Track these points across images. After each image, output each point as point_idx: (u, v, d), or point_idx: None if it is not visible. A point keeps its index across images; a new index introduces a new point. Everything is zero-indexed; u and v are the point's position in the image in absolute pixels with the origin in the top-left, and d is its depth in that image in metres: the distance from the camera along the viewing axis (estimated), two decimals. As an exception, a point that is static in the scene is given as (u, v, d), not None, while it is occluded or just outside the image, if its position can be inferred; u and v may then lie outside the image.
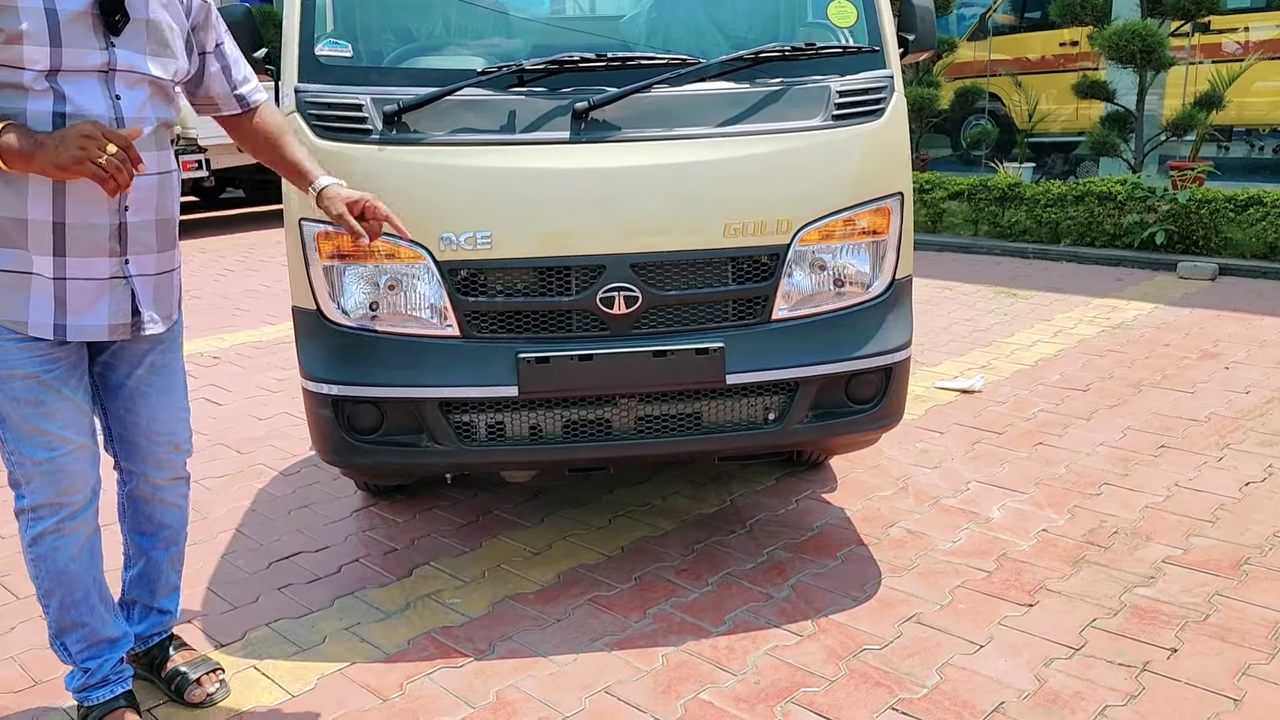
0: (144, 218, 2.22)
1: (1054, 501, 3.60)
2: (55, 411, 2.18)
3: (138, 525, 2.54)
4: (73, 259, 2.12)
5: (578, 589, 3.07)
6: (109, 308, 2.19)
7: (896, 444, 4.17)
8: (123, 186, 1.99)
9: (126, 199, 2.15)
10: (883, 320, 2.93)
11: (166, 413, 2.41)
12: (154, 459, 2.43)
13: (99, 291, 2.17)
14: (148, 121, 2.16)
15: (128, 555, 2.59)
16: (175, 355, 2.44)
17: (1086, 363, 5.27)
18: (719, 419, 2.86)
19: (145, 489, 2.48)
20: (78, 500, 2.26)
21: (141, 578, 2.58)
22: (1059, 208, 8.27)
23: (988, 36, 12.15)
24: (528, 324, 2.75)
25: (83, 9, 2.02)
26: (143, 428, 2.39)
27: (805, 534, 3.40)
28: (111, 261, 2.17)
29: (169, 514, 2.53)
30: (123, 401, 2.37)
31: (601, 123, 2.73)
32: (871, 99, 2.87)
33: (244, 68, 2.42)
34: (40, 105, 2.01)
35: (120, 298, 2.20)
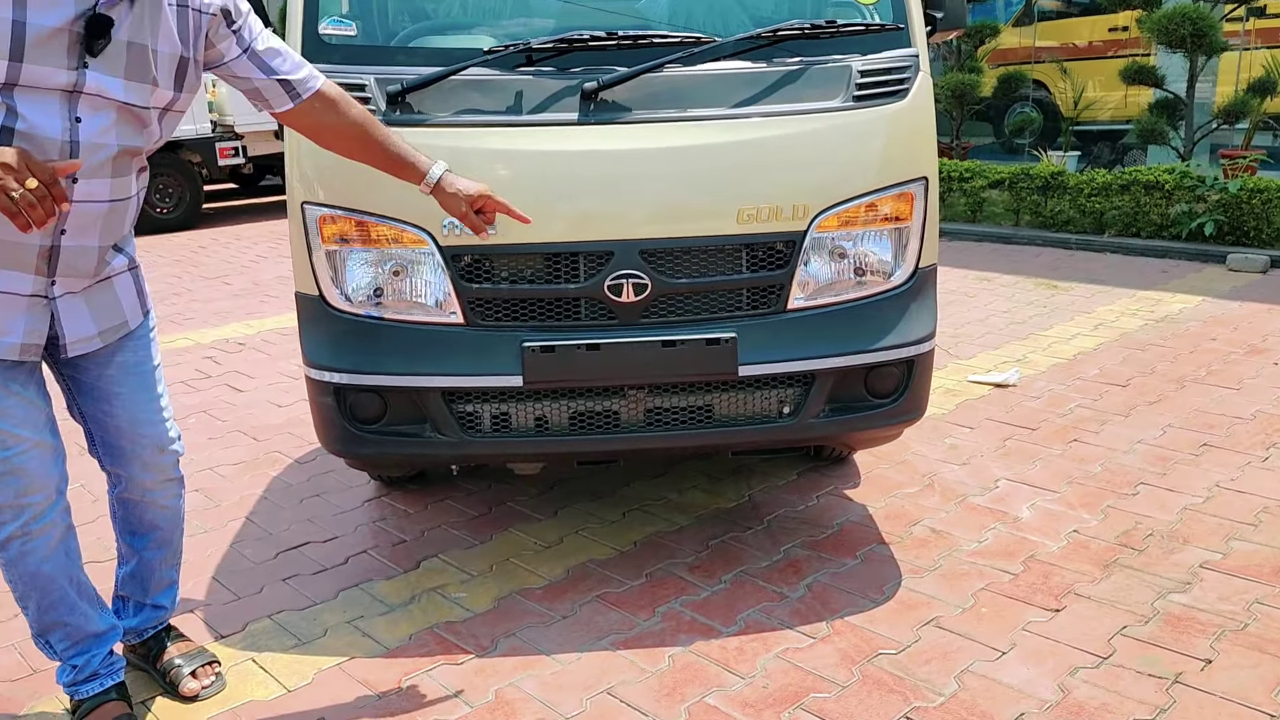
0: (83, 243, 2.05)
1: (1087, 501, 3.45)
2: (4, 410, 2.06)
3: (129, 526, 2.48)
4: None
5: (586, 585, 2.98)
6: (24, 325, 2.04)
7: (924, 439, 4.04)
8: (37, 224, 1.78)
9: (64, 224, 1.99)
10: (905, 310, 2.80)
11: (145, 413, 2.31)
12: (139, 461, 2.34)
13: (14, 308, 2.02)
14: (107, 149, 1.98)
15: (120, 553, 2.53)
16: (146, 353, 2.31)
17: (1127, 357, 5.09)
18: (731, 412, 2.76)
19: (134, 491, 2.40)
20: (40, 501, 2.14)
21: (134, 576, 2.53)
22: (1103, 197, 8.03)
23: (1033, 22, 11.86)
24: (533, 312, 2.66)
25: (60, 26, 1.85)
26: (124, 430, 2.30)
27: (825, 531, 3.28)
28: (36, 280, 2.02)
29: (160, 516, 2.46)
30: (98, 404, 2.27)
31: (611, 103, 2.63)
32: (895, 79, 2.74)
33: (287, 58, 2.21)
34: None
35: (38, 318, 2.06)
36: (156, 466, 2.37)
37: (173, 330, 6.19)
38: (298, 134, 2.64)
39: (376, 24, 2.90)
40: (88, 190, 2.01)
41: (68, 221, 2.00)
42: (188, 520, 3.45)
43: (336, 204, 2.63)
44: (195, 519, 3.49)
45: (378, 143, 2.31)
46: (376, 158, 2.33)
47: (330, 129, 2.29)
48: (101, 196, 2.03)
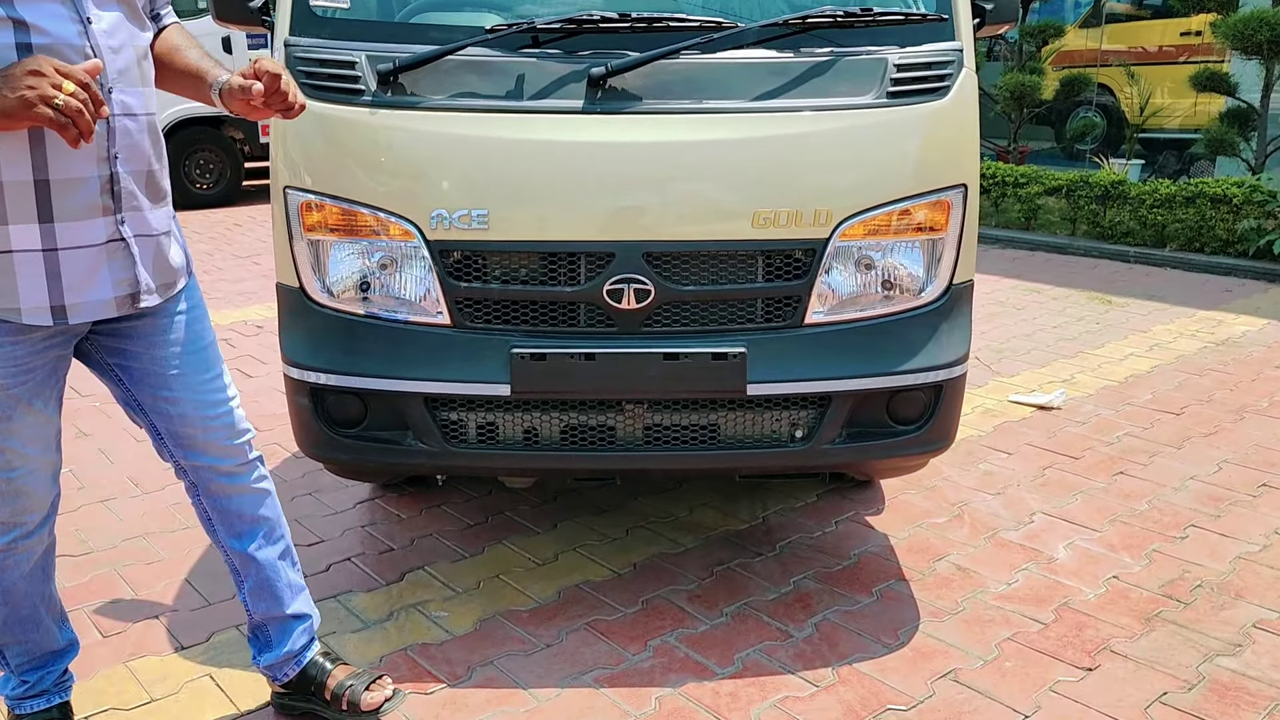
0: (135, 168, 1.90)
1: (1130, 543, 3.17)
2: (19, 429, 1.90)
3: (231, 529, 2.21)
4: (63, 224, 1.79)
5: (577, 610, 2.77)
6: (110, 276, 1.87)
7: (957, 463, 3.77)
8: (85, 133, 1.63)
9: (115, 146, 1.84)
10: (935, 330, 2.55)
11: (211, 393, 2.09)
12: (215, 448, 2.12)
13: (96, 259, 1.85)
14: (124, 51, 1.84)
15: (235, 571, 2.25)
16: (201, 325, 2.11)
17: (1183, 382, 4.76)
18: (738, 433, 2.53)
19: (220, 483, 2.16)
20: (33, 520, 2.00)
21: (261, 589, 2.24)
22: (1166, 209, 7.64)
23: (1101, 23, 11.41)
24: (525, 315, 2.45)
25: None
26: (190, 416, 2.07)
27: (840, 563, 3.04)
28: (106, 221, 1.85)
29: (259, 503, 2.21)
30: (157, 392, 2.05)
31: (620, 91, 2.40)
32: (935, 75, 2.48)
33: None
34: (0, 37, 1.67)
35: (121, 264, 1.89)
36: (233, 450, 2.15)
37: (193, 310, 6.07)
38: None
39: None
40: (123, 102, 1.85)
41: (116, 141, 1.85)
42: (172, 514, 3.34)
43: (320, 190, 2.43)
44: (180, 512, 3.33)
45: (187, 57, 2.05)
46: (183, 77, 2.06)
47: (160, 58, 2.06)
48: (136, 109, 1.89)
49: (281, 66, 1.94)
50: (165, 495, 3.46)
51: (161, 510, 3.36)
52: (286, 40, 2.48)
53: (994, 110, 10.02)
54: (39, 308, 1.82)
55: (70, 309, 1.85)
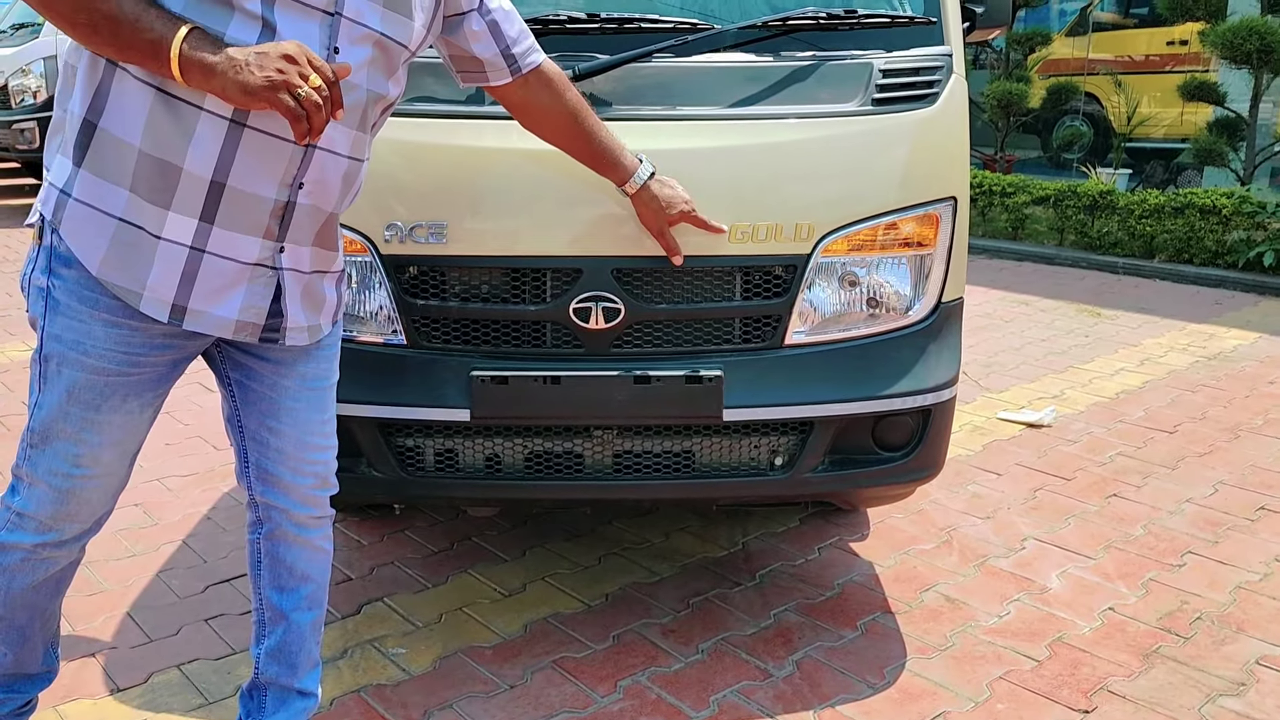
0: (318, 204, 1.76)
1: (1126, 572, 3.03)
2: (106, 424, 1.72)
3: (277, 579, 2.04)
4: (220, 230, 1.66)
5: (543, 646, 2.61)
6: (243, 299, 1.73)
7: (945, 485, 3.63)
8: (315, 132, 1.52)
9: (304, 174, 1.70)
10: (923, 351, 2.40)
11: (316, 437, 1.94)
12: (298, 493, 1.96)
13: (237, 277, 1.72)
14: (358, 92, 1.70)
15: (262, 622, 2.09)
16: (330, 366, 1.97)
17: (1176, 399, 4.64)
18: (715, 461, 2.37)
19: (288, 529, 1.99)
20: (74, 529, 1.80)
21: (281, 650, 2.07)
22: (1155, 219, 7.54)
23: (1088, 32, 11.34)
24: (486, 335, 2.29)
25: None
26: (287, 454, 1.92)
27: (823, 593, 2.89)
28: (264, 244, 1.72)
29: (314, 562, 2.05)
30: (264, 419, 1.91)
31: (588, 96, 2.24)
32: (923, 80, 2.34)
33: (516, 23, 1.97)
34: (241, 34, 1.55)
35: (260, 291, 1.75)
36: (315, 500, 1.99)
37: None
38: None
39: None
40: (331, 138, 1.70)
41: (308, 172, 1.70)
42: (118, 540, 3.16)
43: (267, 201, 2.27)
44: (127, 539, 3.16)
45: (587, 133, 2.07)
46: (582, 150, 2.10)
47: (540, 110, 2.05)
48: (342, 149, 1.73)
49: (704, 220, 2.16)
50: (113, 520, 3.24)
51: (107, 537, 3.17)
52: (232, 40, 2.31)
53: (981, 119, 9.93)
54: (161, 300, 1.67)
55: (190, 314, 1.69)
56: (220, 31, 1.54)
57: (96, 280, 1.65)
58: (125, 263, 1.65)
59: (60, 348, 1.68)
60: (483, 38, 1.93)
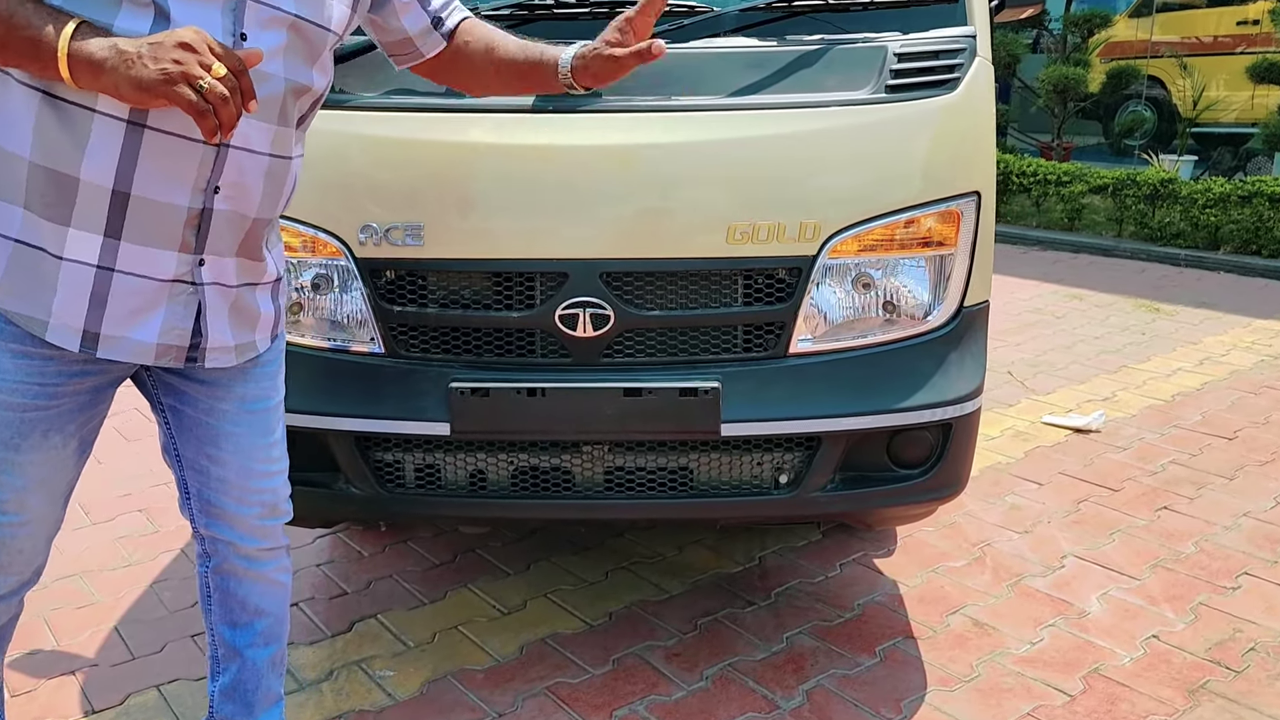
0: (238, 209, 1.57)
1: (1174, 595, 2.80)
2: (28, 464, 1.56)
3: (229, 614, 1.91)
4: (129, 245, 1.49)
5: (538, 670, 2.47)
6: (163, 321, 1.57)
7: (981, 494, 3.41)
8: (225, 128, 1.35)
9: (219, 178, 1.52)
10: (943, 360, 2.21)
11: (260, 463, 1.80)
12: (245, 525, 1.82)
13: (155, 297, 1.55)
14: (273, 82, 1.52)
15: (215, 658, 1.97)
16: (272, 385, 1.80)
17: (1237, 401, 4.35)
18: (714, 478, 2.20)
19: (236, 563, 1.86)
20: (8, 583, 1.62)
21: (235, 688, 1.95)
22: (1220, 209, 7.17)
23: (1152, 12, 10.88)
24: (467, 344, 2.14)
25: None
26: (230, 483, 1.78)
27: (841, 615, 2.70)
28: (181, 258, 1.54)
29: (268, 596, 1.92)
30: (202, 448, 1.76)
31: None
32: (942, 65, 2.14)
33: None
34: (132, 24, 1.38)
35: (181, 310, 1.58)
36: (264, 531, 1.85)
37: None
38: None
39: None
40: (246, 134, 1.52)
41: (223, 174, 1.52)
42: (116, 549, 3.08)
43: (238, 201, 2.14)
44: (126, 547, 3.08)
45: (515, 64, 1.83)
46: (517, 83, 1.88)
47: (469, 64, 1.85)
48: (261, 147, 1.55)
49: None
50: (114, 527, 3.21)
51: (105, 544, 3.10)
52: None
53: (1036, 104, 9.57)
54: (70, 327, 1.50)
55: (104, 340, 1.53)
56: (107, 23, 1.36)
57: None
58: (27, 288, 1.48)
59: None
60: (411, 7, 1.76)
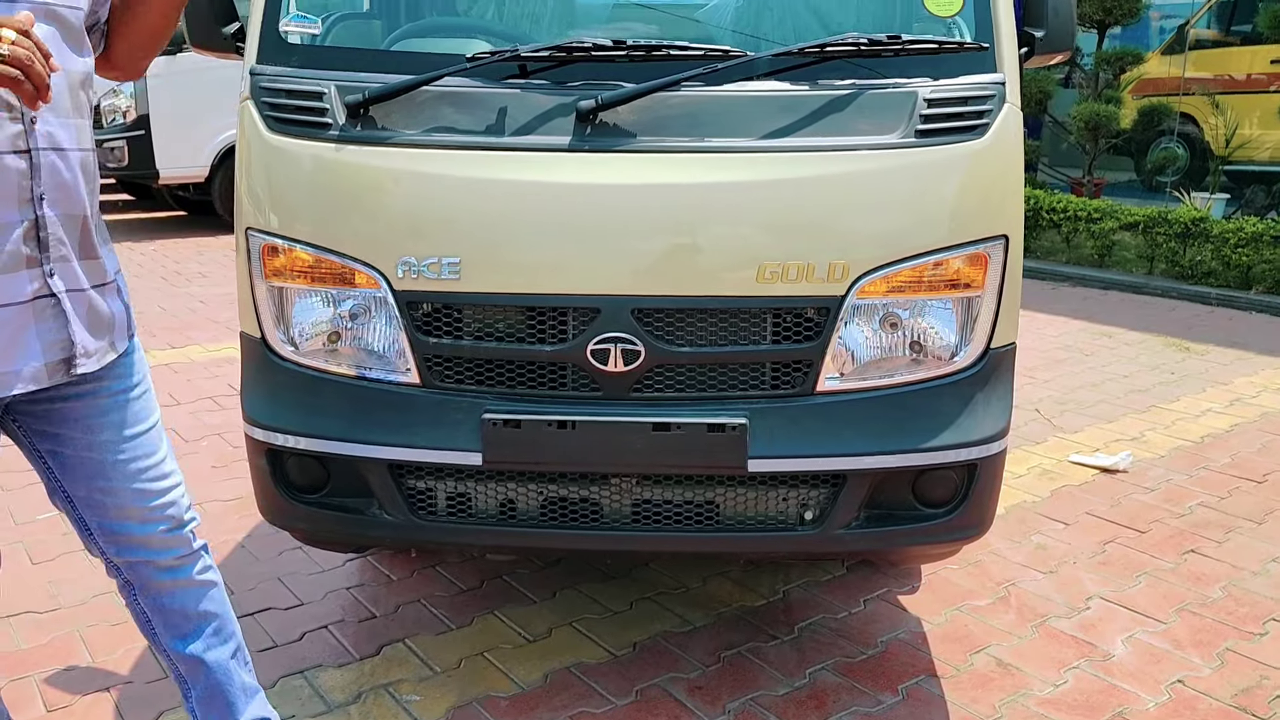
0: (66, 211, 1.64)
1: (1200, 640, 2.79)
2: None
3: (174, 629, 1.94)
4: None
5: (562, 700, 2.49)
6: (40, 339, 1.61)
7: (1007, 533, 3.41)
8: (41, 90, 1.40)
9: (40, 185, 1.58)
10: (969, 401, 2.23)
11: (154, 480, 1.83)
12: (155, 540, 1.85)
13: (22, 319, 1.59)
14: (57, 75, 1.54)
15: (180, 678, 1.98)
16: (146, 401, 1.84)
17: (1267, 444, 4.32)
18: (739, 513, 2.23)
19: (159, 580, 1.90)
20: None
21: (211, 696, 1.97)
22: (1252, 248, 7.13)
23: (1185, 50, 10.86)
24: (500, 376, 2.19)
25: None
26: (128, 508, 1.80)
27: (864, 652, 2.71)
28: (32, 274, 1.59)
29: (204, 597, 1.94)
30: (93, 482, 1.78)
31: (612, 127, 2.14)
32: (972, 110, 2.17)
33: None
34: None
35: (53, 324, 1.64)
36: (175, 542, 1.89)
37: (225, 339, 5.93)
38: (246, 148, 2.25)
39: (358, 23, 2.49)
40: (49, 134, 1.60)
41: (42, 180, 1.59)
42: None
43: (282, 233, 2.21)
44: (160, 567, 3.13)
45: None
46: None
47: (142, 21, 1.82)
48: (69, 144, 1.63)
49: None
50: (149, 545, 3.27)
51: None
52: (252, 69, 2.27)
53: (1068, 140, 9.57)
54: None
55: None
56: None
57: None
58: None
59: None
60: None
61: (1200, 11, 11.15)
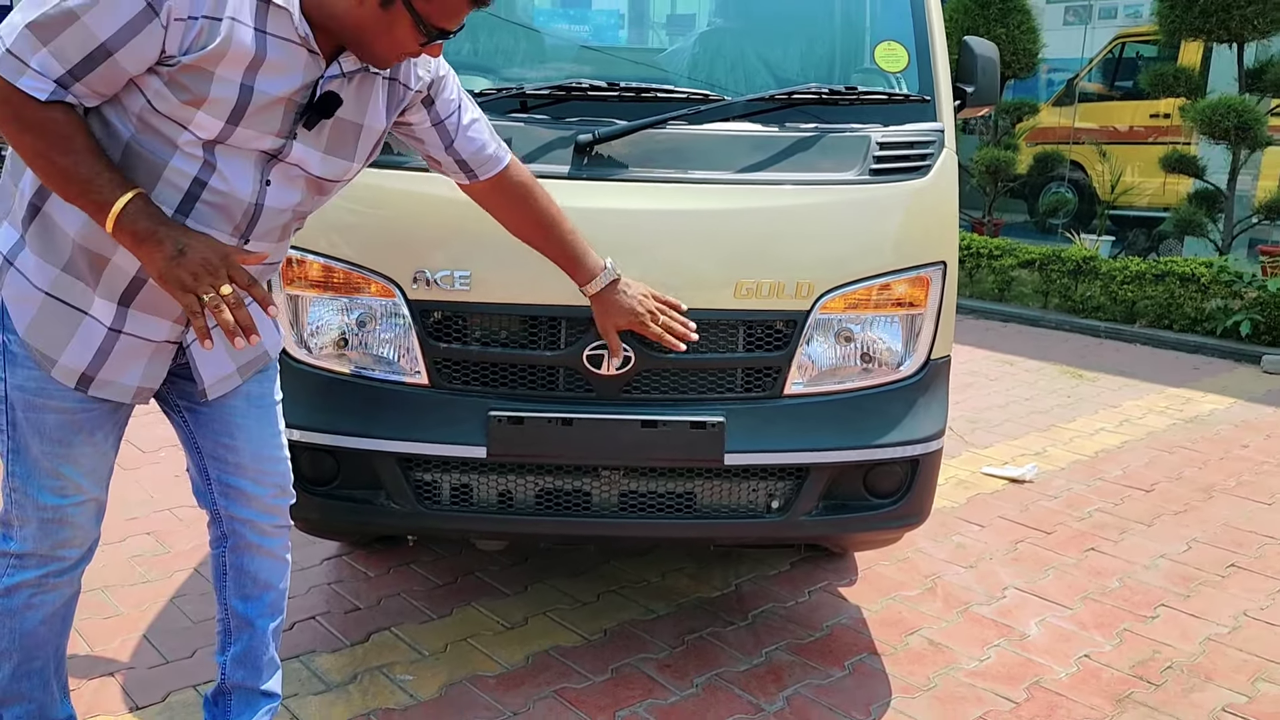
0: None
1: (1101, 622, 3.16)
2: (80, 456, 1.89)
3: (242, 589, 2.18)
4: (136, 313, 1.83)
5: (545, 677, 2.73)
6: (144, 369, 1.90)
7: (930, 535, 3.77)
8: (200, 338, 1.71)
9: None
10: (912, 405, 2.56)
11: (270, 449, 2.11)
12: (260, 503, 2.12)
13: (140, 353, 1.88)
14: (285, 214, 1.88)
15: (227, 630, 2.23)
16: (273, 386, 2.14)
17: (1153, 459, 4.80)
18: (715, 502, 2.51)
19: (251, 539, 2.14)
20: (73, 555, 1.95)
21: (246, 656, 2.21)
22: (1136, 285, 7.77)
23: (1074, 102, 11.68)
24: (504, 378, 2.44)
25: (284, 94, 1.73)
26: (246, 467, 2.08)
27: (812, 634, 3.01)
28: (173, 328, 1.89)
29: (276, 570, 2.20)
30: (219, 439, 2.07)
31: (606, 159, 2.43)
32: (917, 154, 2.53)
33: (475, 135, 2.09)
34: (184, 166, 1.73)
35: (160, 362, 1.92)
36: (276, 510, 2.15)
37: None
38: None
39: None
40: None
41: None
42: (132, 567, 3.27)
43: (301, 245, 2.42)
44: (140, 566, 3.27)
45: (552, 237, 2.22)
46: (546, 249, 2.24)
47: (504, 212, 2.21)
48: (263, 259, 1.89)
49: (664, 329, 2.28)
50: (126, 547, 3.40)
51: (120, 562, 3.29)
52: (276, 96, 2.48)
53: (970, 183, 10.20)
54: (71, 370, 1.83)
55: (96, 384, 1.85)
56: (165, 160, 1.71)
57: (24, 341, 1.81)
58: (50, 334, 1.81)
59: (25, 395, 1.84)
60: (434, 144, 2.07)
61: (1087, 68, 12.00)
